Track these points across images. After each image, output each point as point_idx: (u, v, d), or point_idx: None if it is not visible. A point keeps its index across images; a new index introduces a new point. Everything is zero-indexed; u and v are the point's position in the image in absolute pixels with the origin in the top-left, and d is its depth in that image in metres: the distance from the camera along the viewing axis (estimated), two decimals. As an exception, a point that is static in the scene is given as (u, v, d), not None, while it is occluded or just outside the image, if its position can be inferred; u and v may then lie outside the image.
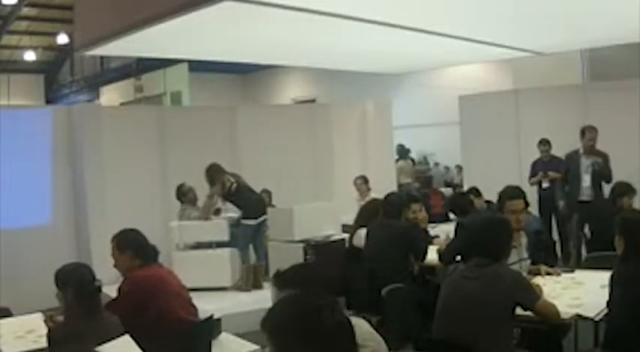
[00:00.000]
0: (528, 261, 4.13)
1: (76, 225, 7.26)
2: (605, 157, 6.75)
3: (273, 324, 1.62)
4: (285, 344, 1.57)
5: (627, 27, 5.63)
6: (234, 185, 6.83)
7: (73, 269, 3.04)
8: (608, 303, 3.08)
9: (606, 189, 6.60)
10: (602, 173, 6.74)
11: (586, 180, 6.87)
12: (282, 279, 2.48)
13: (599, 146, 6.80)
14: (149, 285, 3.41)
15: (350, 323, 1.65)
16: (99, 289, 2.98)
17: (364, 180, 8.33)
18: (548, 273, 4.06)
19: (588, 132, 6.87)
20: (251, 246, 6.94)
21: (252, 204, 6.82)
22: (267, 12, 4.50)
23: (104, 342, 2.56)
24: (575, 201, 6.93)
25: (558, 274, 4.05)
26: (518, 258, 4.04)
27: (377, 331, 2.32)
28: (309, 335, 1.55)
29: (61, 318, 3.08)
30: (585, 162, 6.87)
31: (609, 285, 3.07)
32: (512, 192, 4.19)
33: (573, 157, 7.02)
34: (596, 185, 6.81)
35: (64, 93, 21.86)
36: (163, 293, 3.46)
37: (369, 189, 8.23)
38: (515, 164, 8.27)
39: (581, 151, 6.92)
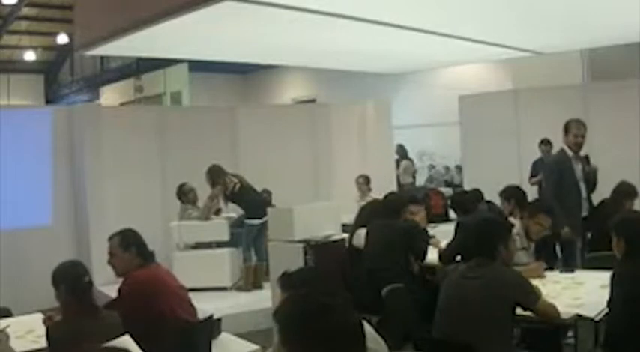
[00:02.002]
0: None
1: (76, 225, 7.27)
2: (587, 159, 5.58)
3: (281, 318, 1.64)
4: (290, 340, 1.58)
5: (627, 27, 5.64)
6: (238, 185, 6.83)
7: (65, 267, 3.07)
8: (609, 303, 3.08)
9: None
10: (594, 180, 5.51)
11: (582, 191, 5.48)
12: (287, 280, 2.48)
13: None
14: (149, 286, 3.41)
15: (361, 324, 1.65)
16: (90, 283, 3.01)
17: (366, 179, 8.32)
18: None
19: (575, 128, 5.46)
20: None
21: (256, 204, 6.82)
22: (267, 12, 4.51)
23: (103, 340, 2.56)
24: (579, 219, 5.41)
25: (542, 276, 3.98)
26: (527, 261, 4.08)
27: (377, 331, 2.31)
28: (315, 334, 1.55)
29: (58, 318, 3.09)
30: (577, 168, 5.48)
31: (609, 285, 3.07)
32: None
33: (565, 162, 5.51)
34: (589, 196, 5.54)
35: (64, 93, 21.85)
36: (163, 294, 3.46)
37: (370, 190, 8.23)
38: (515, 164, 8.27)
39: (570, 153, 5.51)
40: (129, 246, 3.46)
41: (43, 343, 3.24)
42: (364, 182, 8.30)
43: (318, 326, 1.56)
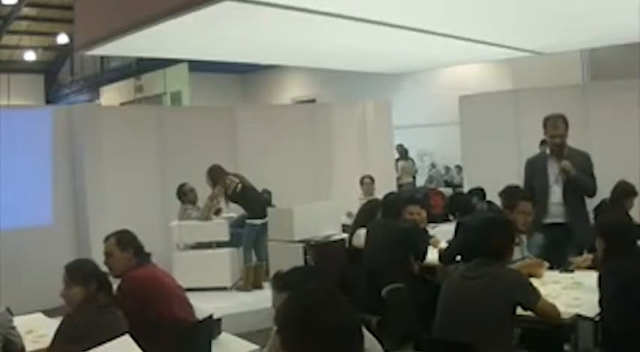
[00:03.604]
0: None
1: (76, 225, 7.26)
2: (584, 159, 4.85)
3: (279, 321, 1.65)
4: (289, 341, 1.58)
5: (627, 27, 5.64)
6: (239, 185, 6.83)
7: (87, 262, 3.11)
8: (600, 304, 3.11)
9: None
10: (578, 183, 4.71)
11: (556, 194, 4.78)
12: (281, 281, 2.48)
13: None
14: (148, 285, 3.42)
15: (356, 322, 1.64)
16: (107, 276, 3.10)
17: (372, 179, 8.36)
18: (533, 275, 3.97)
19: (551, 127, 4.82)
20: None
21: (258, 204, 6.82)
22: (267, 12, 4.51)
23: (116, 333, 2.60)
24: (539, 224, 4.66)
25: (540, 276, 3.97)
26: (521, 256, 4.06)
27: (377, 331, 2.31)
28: (312, 334, 1.55)
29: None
30: (553, 170, 4.82)
31: (598, 286, 3.13)
32: (524, 194, 4.21)
33: (538, 162, 4.99)
34: (572, 200, 4.76)
35: (64, 93, 21.86)
36: (162, 293, 3.47)
37: (374, 189, 8.26)
38: (515, 164, 8.24)
39: (548, 152, 4.97)
40: (126, 246, 3.47)
41: (43, 343, 3.24)
42: (371, 182, 8.33)
43: (314, 326, 1.56)
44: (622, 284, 2.98)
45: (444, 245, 5.09)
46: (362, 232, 5.15)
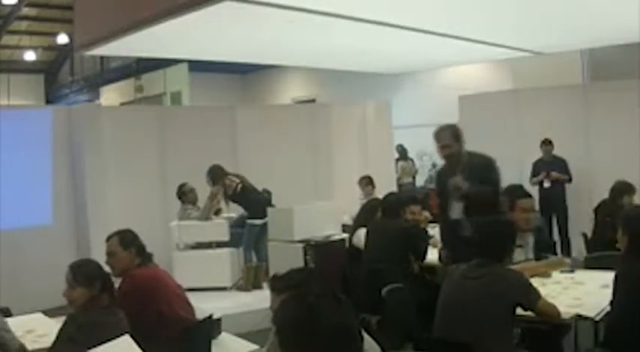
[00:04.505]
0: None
1: (76, 225, 7.26)
2: (485, 167, 4.48)
3: (278, 322, 1.65)
4: (285, 343, 1.59)
5: (627, 27, 5.64)
6: (240, 185, 6.83)
7: (91, 263, 3.10)
8: (612, 302, 3.08)
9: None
10: (469, 200, 4.23)
11: (454, 210, 4.34)
12: (279, 283, 2.47)
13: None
14: (149, 285, 3.43)
15: (355, 323, 1.64)
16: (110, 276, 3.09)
17: (370, 180, 8.33)
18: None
19: (436, 139, 4.53)
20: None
21: (258, 204, 6.82)
22: (267, 12, 4.52)
23: (117, 334, 2.60)
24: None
25: (549, 275, 3.98)
26: (525, 258, 4.05)
27: (377, 331, 2.31)
28: (308, 335, 1.55)
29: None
30: (451, 182, 4.43)
31: (614, 283, 3.07)
32: (522, 191, 4.21)
33: (440, 176, 4.67)
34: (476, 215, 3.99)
35: (64, 93, 21.85)
36: (163, 293, 3.47)
37: (374, 188, 8.24)
38: (515, 164, 8.27)
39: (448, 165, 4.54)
40: (128, 246, 3.48)
41: (43, 343, 3.24)
42: (368, 183, 8.31)
43: (313, 327, 1.55)
44: (635, 283, 2.95)
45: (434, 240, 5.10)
46: (362, 232, 5.15)
